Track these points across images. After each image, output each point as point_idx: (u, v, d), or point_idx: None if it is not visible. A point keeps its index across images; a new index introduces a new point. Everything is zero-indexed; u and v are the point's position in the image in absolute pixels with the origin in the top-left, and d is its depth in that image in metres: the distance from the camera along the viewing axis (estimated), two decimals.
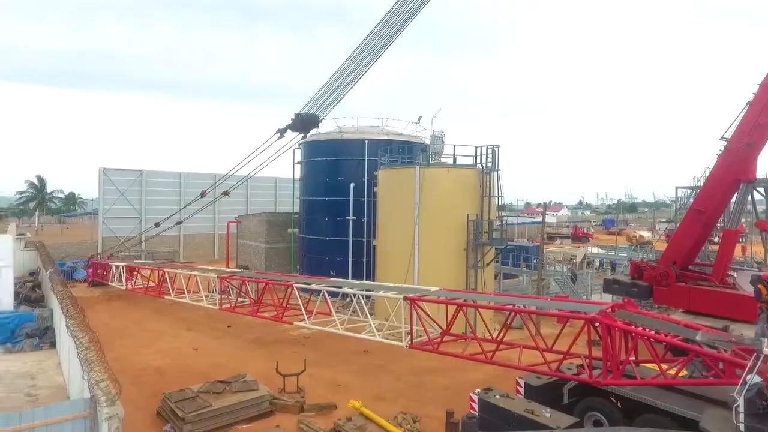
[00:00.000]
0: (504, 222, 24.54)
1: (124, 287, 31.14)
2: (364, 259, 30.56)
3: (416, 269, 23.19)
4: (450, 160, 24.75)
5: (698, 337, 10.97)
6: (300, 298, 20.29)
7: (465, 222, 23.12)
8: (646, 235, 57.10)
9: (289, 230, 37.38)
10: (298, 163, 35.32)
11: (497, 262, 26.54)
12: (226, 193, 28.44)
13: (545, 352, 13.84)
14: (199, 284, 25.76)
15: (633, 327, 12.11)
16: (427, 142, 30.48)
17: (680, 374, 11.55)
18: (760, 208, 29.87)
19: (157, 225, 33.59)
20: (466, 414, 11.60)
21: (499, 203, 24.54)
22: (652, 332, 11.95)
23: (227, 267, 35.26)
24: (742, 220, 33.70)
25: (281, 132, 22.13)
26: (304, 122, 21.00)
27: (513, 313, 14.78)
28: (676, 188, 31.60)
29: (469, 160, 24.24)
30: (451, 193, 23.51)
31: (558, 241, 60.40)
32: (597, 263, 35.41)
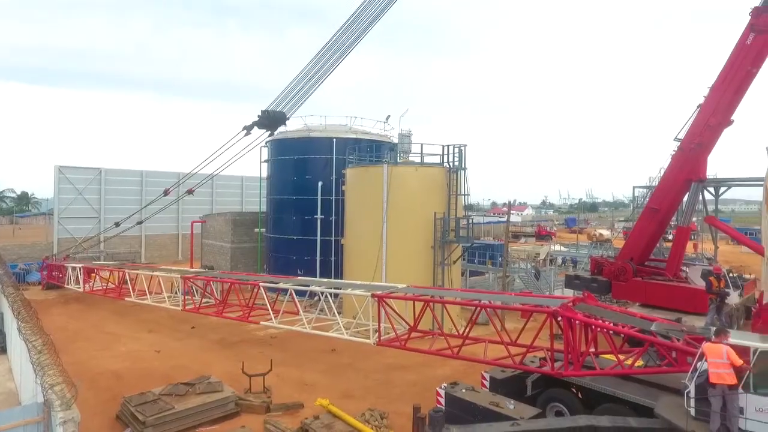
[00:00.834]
0: (470, 220, 24.92)
1: (81, 289, 29.97)
2: (333, 258, 30.43)
3: (384, 267, 23.27)
4: (417, 159, 24.96)
5: (653, 328, 11.44)
6: (267, 297, 20.04)
7: (432, 220, 23.37)
8: (606, 233, 59.17)
9: (256, 230, 36.82)
10: (265, 161, 34.84)
11: (464, 259, 26.91)
12: (190, 192, 27.81)
13: (510, 346, 14.15)
14: (162, 285, 25.06)
15: (593, 319, 12.52)
16: (395, 141, 30.63)
17: (637, 364, 12.04)
18: (710, 207, 31.44)
19: (117, 225, 32.48)
20: (432, 408, 11.70)
21: (466, 202, 24.89)
22: (611, 324, 12.38)
23: (191, 267, 34.41)
24: (694, 219, 35.48)
25: (248, 129, 21.79)
26: (271, 119, 20.75)
27: (479, 308, 15.03)
28: (634, 188, 32.92)
29: (437, 159, 24.51)
30: (418, 191, 23.70)
31: (522, 240, 61.82)
32: (559, 260, 36.45)
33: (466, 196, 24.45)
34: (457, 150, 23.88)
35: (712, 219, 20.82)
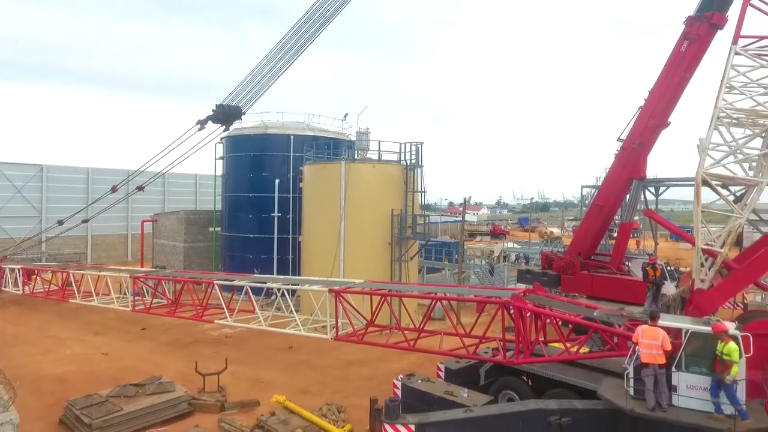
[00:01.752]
0: (427, 217, 25.34)
1: (20, 292, 28.31)
2: (290, 257, 30.12)
3: (342, 264, 23.30)
4: (375, 157, 25.15)
5: (595, 314, 12.08)
6: (222, 295, 19.64)
7: (390, 216, 23.61)
8: (556, 231, 61.73)
9: (211, 228, 35.93)
10: (220, 158, 34.06)
11: (421, 256, 27.33)
12: (140, 188, 26.88)
13: (464, 338, 14.55)
14: (110, 286, 24.04)
15: (541, 309, 13.07)
16: (354, 139, 30.71)
17: (582, 350, 12.67)
18: (651, 207, 33.33)
19: (61, 223, 30.95)
20: (388, 398, 11.88)
21: (423, 199, 25.29)
22: (558, 312, 12.97)
23: (142, 268, 33.18)
24: (636, 217, 37.49)
25: (201, 123, 21.36)
26: (226, 114, 20.43)
27: (435, 300, 15.35)
28: (582, 187, 34.31)
29: (394, 157, 24.79)
30: (376, 188, 23.89)
31: (478, 238, 63.38)
32: (513, 257, 37.63)
33: (423, 194, 24.87)
34: (414, 147, 24.25)
35: (650, 212, 22.07)
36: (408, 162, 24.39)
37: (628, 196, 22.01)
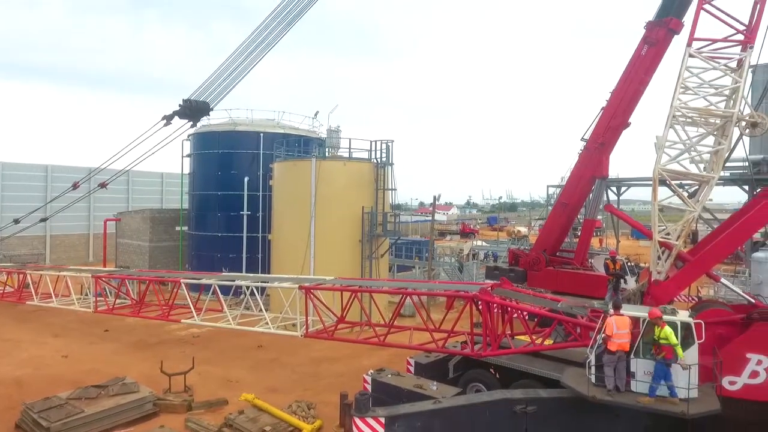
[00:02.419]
0: (397, 214, 25.50)
1: None
2: (259, 255, 29.76)
3: (312, 262, 23.20)
4: (346, 155, 25.14)
5: (559, 305, 12.46)
6: (188, 294, 19.22)
7: (360, 214, 23.65)
8: (524, 230, 63.09)
9: (178, 227, 35.12)
10: (187, 155, 33.32)
11: (392, 254, 27.48)
12: (103, 186, 26.10)
13: (434, 332, 14.75)
14: (70, 287, 23.21)
15: (508, 302, 13.38)
16: (324, 137, 30.60)
17: (546, 342, 13.04)
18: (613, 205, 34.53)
19: (17, 222, 29.69)
20: (358, 392, 11.92)
21: (393, 198, 25.42)
22: (524, 305, 13.30)
23: (104, 268, 32.14)
24: (600, 217, 38.76)
25: (168, 119, 20.87)
26: (193, 109, 20.04)
27: (405, 295, 15.48)
28: (548, 186, 35.26)
29: (365, 155, 24.85)
30: (346, 186, 23.89)
31: (448, 237, 64.08)
32: (482, 255, 38.23)
33: (394, 191, 25.01)
34: (384, 146, 24.37)
35: (611, 207, 22.87)
36: (378, 160, 24.50)
37: (591, 194, 22.72)
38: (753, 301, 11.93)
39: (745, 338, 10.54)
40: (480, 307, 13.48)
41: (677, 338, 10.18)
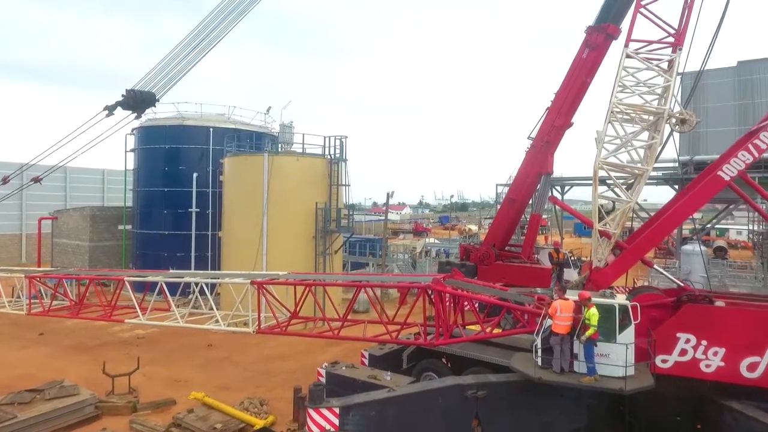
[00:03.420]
0: (351, 210, 25.50)
1: None
2: (209, 254, 28.94)
3: (264, 258, 22.80)
4: (299, 151, 24.88)
5: (507, 295, 12.93)
6: (133, 293, 18.34)
7: (314, 210, 23.49)
8: (474, 228, 64.82)
9: (120, 226, 33.52)
10: (131, 150, 31.88)
11: (345, 251, 27.45)
12: (36, 181, 24.45)
13: (388, 325, 14.86)
14: (0, 289, 21.61)
15: (460, 291, 13.72)
16: (277, 134, 30.15)
17: (496, 331, 13.47)
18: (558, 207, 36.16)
19: None
20: (312, 383, 11.86)
21: (347, 194, 25.38)
22: (475, 294, 13.68)
23: (39, 268, 30.15)
24: (545, 216, 40.43)
25: (110, 110, 19.80)
26: (137, 100, 19.10)
27: (360, 288, 15.52)
28: (497, 185, 36.32)
29: (318, 151, 24.70)
30: (300, 181, 23.65)
31: (401, 236, 64.69)
32: (434, 252, 38.90)
33: (348, 187, 24.99)
34: (338, 141, 24.31)
35: (554, 199, 23.92)
36: (332, 156, 24.42)
37: (537, 190, 23.65)
38: (682, 285, 12.87)
39: (675, 319, 11.35)
40: (432, 297, 13.73)
41: (615, 322, 10.84)
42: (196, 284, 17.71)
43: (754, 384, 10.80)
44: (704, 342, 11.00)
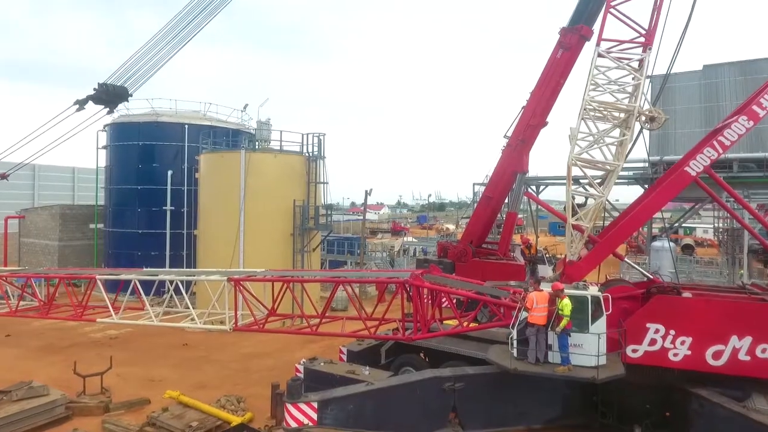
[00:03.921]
0: (329, 207, 25.43)
1: None
2: (184, 253, 28.44)
3: (242, 256, 22.55)
4: (277, 148, 24.71)
5: (483, 287, 13.13)
6: (105, 292, 17.91)
7: (292, 207, 23.35)
8: (452, 227, 65.44)
9: (92, 225, 32.67)
10: (103, 147, 31.09)
11: (323, 249, 27.36)
12: (3, 177, 23.76)
13: (366, 320, 14.92)
14: None
15: (438, 286, 13.86)
16: (254, 131, 29.84)
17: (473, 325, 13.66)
18: (533, 206, 36.81)
19: None
20: (290, 378, 11.81)
21: (325, 191, 25.30)
22: (452, 289, 13.85)
23: (5, 267, 29.15)
24: (521, 215, 41.10)
25: (81, 104, 19.44)
26: (110, 94, 18.80)
27: (338, 284, 15.51)
28: (474, 184, 36.68)
29: (297, 148, 24.58)
30: (277, 179, 23.47)
31: (379, 236, 64.77)
32: (412, 251, 39.12)
33: (326, 185, 24.93)
34: (316, 139, 24.24)
35: (530, 194, 24.37)
36: (310, 153, 24.33)
37: (513, 188, 24.05)
38: (651, 277, 13.30)
39: (645, 310, 11.71)
40: (410, 292, 13.84)
41: (588, 313, 11.16)
42: (171, 282, 17.41)
43: (718, 371, 11.23)
44: (672, 332, 11.38)
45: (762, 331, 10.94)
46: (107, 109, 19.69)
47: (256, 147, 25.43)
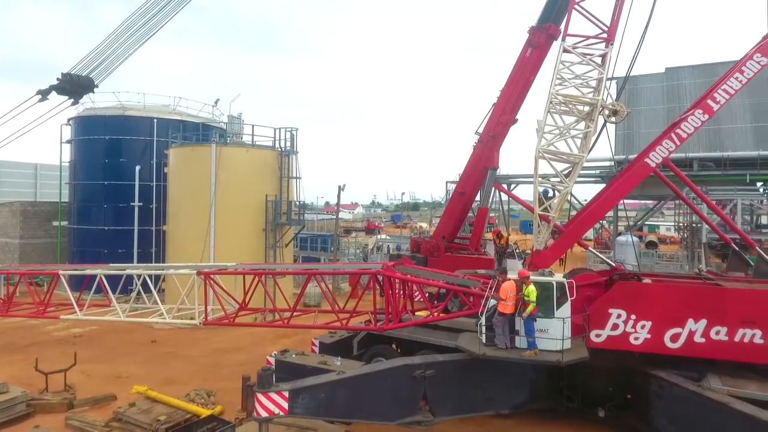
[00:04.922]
0: (302, 208, 25.32)
1: None
2: (153, 250, 27.85)
3: (212, 252, 22.24)
4: (249, 143, 24.46)
5: (453, 277, 13.35)
6: (69, 288, 17.40)
7: (264, 202, 23.17)
8: (425, 226, 65.93)
9: (55, 222, 31.64)
10: (67, 141, 30.17)
11: (296, 246, 27.21)
12: None
13: (339, 313, 14.93)
14: None
15: (409, 277, 14.00)
16: (226, 126, 29.47)
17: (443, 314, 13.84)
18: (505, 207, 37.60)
19: None
20: (261, 368, 11.73)
21: (298, 186, 25.14)
22: (423, 279, 14.01)
23: None
24: (493, 214, 41.82)
25: (43, 94, 18.75)
26: (74, 84, 18.23)
27: (310, 275, 15.49)
28: (446, 182, 37.18)
29: (269, 143, 24.39)
30: (249, 173, 23.26)
31: (354, 234, 64.75)
32: (386, 248, 39.22)
33: (298, 180, 24.80)
34: (288, 134, 24.12)
35: (499, 185, 24.80)
36: (283, 148, 24.18)
37: (484, 184, 24.45)
38: (614, 265, 13.79)
39: (608, 296, 12.13)
40: (382, 283, 13.92)
41: (553, 299, 11.50)
42: (139, 277, 17.00)
43: (676, 353, 11.73)
44: (633, 316, 11.82)
45: (716, 314, 11.47)
46: (71, 100, 19.10)
47: (228, 141, 25.13)
